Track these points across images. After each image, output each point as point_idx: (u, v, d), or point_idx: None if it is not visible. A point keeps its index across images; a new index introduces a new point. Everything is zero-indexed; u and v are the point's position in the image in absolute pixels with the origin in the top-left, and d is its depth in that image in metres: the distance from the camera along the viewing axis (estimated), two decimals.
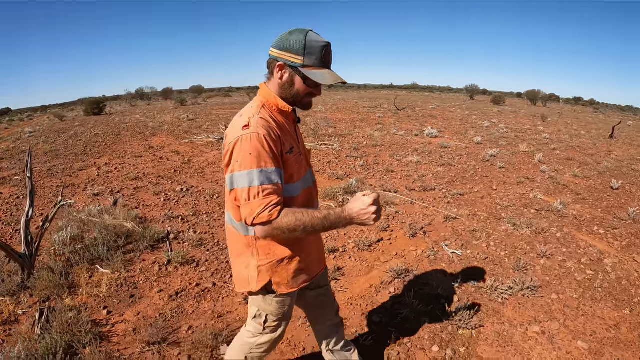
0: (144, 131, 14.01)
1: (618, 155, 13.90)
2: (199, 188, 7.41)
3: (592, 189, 9.05)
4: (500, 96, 46.39)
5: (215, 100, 39.41)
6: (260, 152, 1.68)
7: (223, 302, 3.75)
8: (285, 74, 1.82)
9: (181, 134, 13.26)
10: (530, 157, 12.11)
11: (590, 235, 6.26)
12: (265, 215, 1.69)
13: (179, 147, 11.18)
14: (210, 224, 5.60)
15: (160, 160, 9.62)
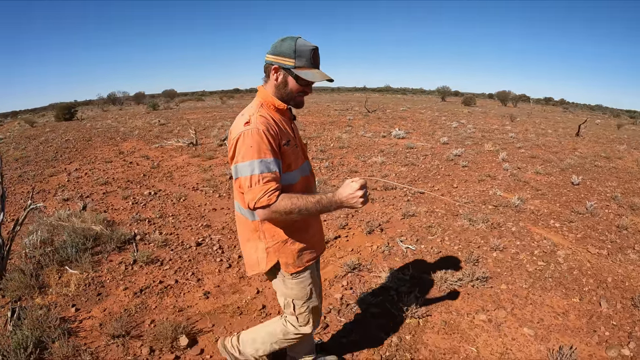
0: (114, 136, 14.04)
1: (582, 153, 14.38)
2: (167, 192, 7.55)
3: (552, 185, 9.37)
4: (471, 97, 47.23)
5: (187, 104, 39.38)
6: (260, 145, 1.93)
7: (184, 297, 3.94)
8: (280, 76, 2.08)
9: (152, 139, 13.35)
10: (495, 155, 12.46)
11: (545, 229, 6.50)
12: (265, 199, 1.92)
13: (148, 152, 11.30)
14: (176, 226, 5.77)
15: (130, 165, 9.72)
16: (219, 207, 6.70)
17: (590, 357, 3.61)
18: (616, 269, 5.30)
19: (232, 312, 3.73)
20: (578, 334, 3.93)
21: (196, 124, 17.68)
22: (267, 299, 4.00)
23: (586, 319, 4.17)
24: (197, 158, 10.54)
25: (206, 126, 16.97)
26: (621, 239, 6.33)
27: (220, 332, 3.44)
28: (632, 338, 3.89)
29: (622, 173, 11.50)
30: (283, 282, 2.34)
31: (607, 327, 4.05)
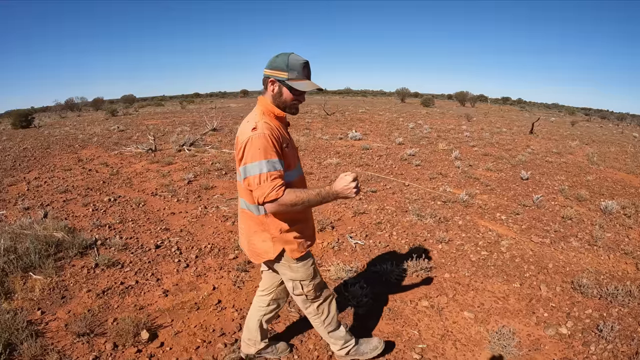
0: (73, 144, 13.82)
1: (534, 149, 15.03)
2: (126, 197, 7.62)
3: (502, 180, 9.83)
4: (430, 98, 48.18)
5: (147, 109, 38.73)
6: (267, 147, 2.24)
7: (144, 296, 4.15)
8: (276, 87, 2.41)
9: (110, 146, 13.23)
10: (448, 154, 12.89)
11: (491, 222, 6.87)
12: (273, 194, 2.23)
13: (108, 159, 11.25)
14: (136, 230, 5.93)
15: (89, 172, 9.69)
16: (177, 211, 6.84)
17: (529, 336, 3.90)
18: (558, 255, 5.66)
19: (190, 307, 3.95)
20: (517, 315, 4.24)
21: (155, 129, 17.51)
22: (222, 294, 4.24)
23: (526, 302, 4.50)
24: (156, 164, 10.52)
25: (165, 132, 16.84)
26: (565, 228, 6.73)
27: (178, 326, 3.65)
28: (570, 318, 4.22)
29: (571, 167, 12.13)
30: (289, 267, 2.65)
31: (546, 309, 4.37)
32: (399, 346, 3.58)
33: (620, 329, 4.02)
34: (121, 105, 45.58)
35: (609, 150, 17.01)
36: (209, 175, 9.27)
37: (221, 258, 5.08)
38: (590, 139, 20.76)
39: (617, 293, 4.58)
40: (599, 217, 7.38)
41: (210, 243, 5.52)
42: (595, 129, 30.40)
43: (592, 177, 11.00)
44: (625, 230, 6.87)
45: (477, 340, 3.80)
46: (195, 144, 13.18)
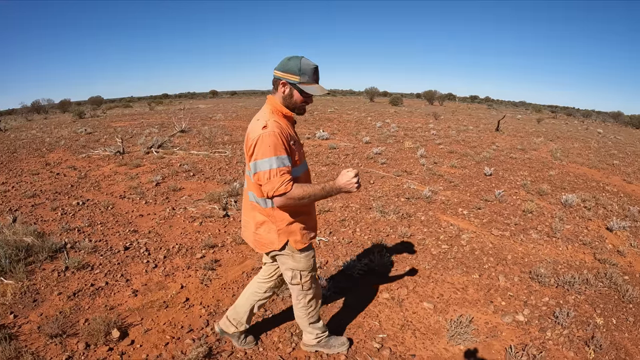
0: (40, 147, 13.51)
1: (499, 146, 15.44)
2: (95, 201, 7.57)
3: (465, 176, 10.13)
4: (399, 97, 48.62)
5: (115, 111, 37.96)
6: (277, 144, 2.40)
7: (114, 296, 4.24)
8: (287, 89, 2.56)
9: (78, 149, 12.98)
10: (414, 152, 13.17)
11: (453, 216, 7.09)
12: (282, 188, 2.39)
13: (75, 162, 11.07)
14: (104, 233, 5.97)
15: (57, 176, 9.55)
16: (145, 213, 6.87)
17: (487, 324, 4.09)
18: (517, 247, 5.89)
19: (159, 306, 4.04)
20: (476, 305, 4.44)
21: (123, 132, 17.30)
22: (190, 293, 4.34)
23: (484, 292, 4.71)
24: (125, 166, 10.43)
25: (133, 134, 16.62)
26: (525, 221, 6.98)
27: (148, 324, 3.74)
28: (527, 305, 4.43)
29: (535, 163, 12.52)
30: (292, 257, 2.82)
31: (503, 298, 4.58)
32: (360, 336, 3.74)
33: (576, 315, 4.25)
34: (89, 107, 44.75)
35: (573, 146, 17.54)
36: (177, 177, 9.28)
37: (189, 258, 5.17)
38: (555, 135, 21.34)
39: (573, 281, 4.81)
40: (559, 210, 7.66)
41: (178, 243, 5.59)
42: (560, 125, 31.16)
43: (555, 172, 11.38)
44: (585, 222, 7.16)
45: (436, 329, 3.96)
46: (163, 146, 13.04)
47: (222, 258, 5.22)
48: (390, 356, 3.52)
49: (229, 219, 6.58)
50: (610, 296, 4.72)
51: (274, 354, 3.44)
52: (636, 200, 8.99)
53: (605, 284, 4.92)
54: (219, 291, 4.40)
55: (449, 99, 65.56)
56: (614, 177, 11.45)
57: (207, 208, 6.98)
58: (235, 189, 7.86)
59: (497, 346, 3.77)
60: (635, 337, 3.99)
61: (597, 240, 6.38)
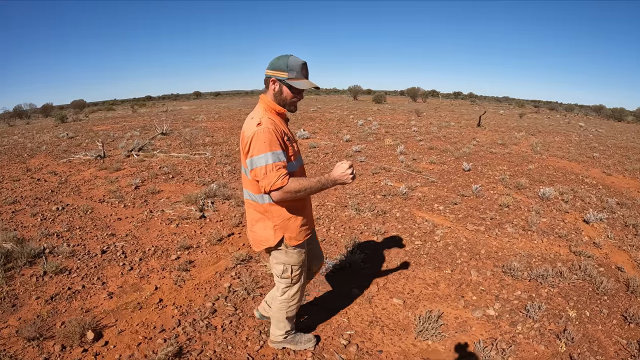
0: (22, 153, 13.33)
1: (480, 141, 15.49)
2: (74, 205, 7.43)
3: (443, 172, 10.13)
4: (382, 95, 48.63)
5: (98, 115, 37.64)
6: (272, 140, 2.48)
7: (90, 299, 4.28)
8: (277, 86, 2.65)
9: (59, 154, 12.84)
10: (393, 149, 13.14)
11: (428, 212, 7.09)
12: (279, 182, 2.46)
13: (56, 168, 10.97)
14: (83, 237, 6.00)
15: (38, 182, 9.46)
16: (123, 216, 6.87)
17: (456, 319, 4.07)
18: (491, 242, 5.88)
19: (133, 307, 4.09)
20: (446, 300, 4.42)
21: (105, 135, 17.13)
22: (164, 294, 4.39)
23: (455, 287, 4.69)
24: (105, 170, 10.36)
25: (115, 137, 16.43)
26: (501, 215, 6.97)
27: (122, 325, 3.79)
28: (498, 300, 4.42)
29: (515, 157, 12.55)
30: (285, 253, 2.90)
31: (475, 293, 4.56)
32: (328, 333, 3.76)
33: (548, 308, 4.24)
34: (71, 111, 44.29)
35: (554, 139, 17.64)
36: (156, 180, 9.24)
37: (164, 259, 5.19)
38: (536, 129, 21.47)
39: (547, 274, 4.79)
40: (537, 204, 7.66)
41: (154, 245, 5.61)
42: (542, 120, 31.44)
43: (534, 165, 11.42)
44: (562, 215, 7.16)
45: (405, 325, 3.96)
46: (143, 149, 12.93)
47: (196, 259, 5.24)
48: (357, 352, 3.53)
49: (205, 220, 6.57)
50: (585, 288, 4.70)
51: (243, 352, 3.46)
52: (615, 192, 9.03)
53: (580, 277, 4.91)
54: (192, 291, 4.43)
55: (433, 96, 65.93)
56: (594, 170, 11.51)
57: (185, 210, 6.98)
58: (213, 190, 7.82)
59: (466, 340, 3.75)
60: (609, 329, 3.97)
61: (574, 232, 6.38)
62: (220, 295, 4.34)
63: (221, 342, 3.58)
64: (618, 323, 4.07)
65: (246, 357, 3.37)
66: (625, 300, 4.49)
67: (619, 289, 4.72)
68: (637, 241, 6.13)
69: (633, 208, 7.75)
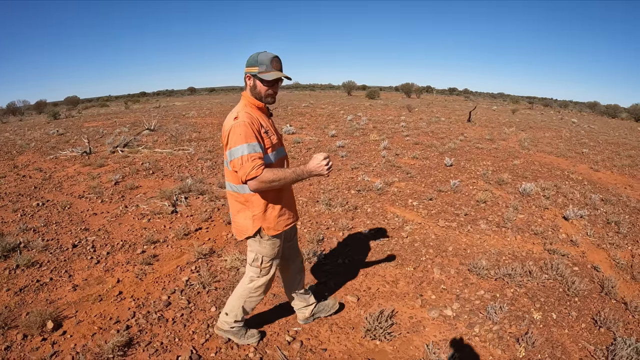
0: (11, 150, 13.29)
1: (467, 137, 15.34)
2: (54, 201, 7.52)
3: (424, 167, 9.97)
4: (375, 91, 48.54)
5: (91, 111, 37.61)
6: (247, 132, 2.60)
7: (56, 292, 4.37)
8: (251, 81, 2.79)
9: (48, 150, 12.84)
10: (378, 144, 12.97)
11: (401, 208, 6.92)
12: (253, 172, 2.55)
13: (42, 164, 10.94)
14: (58, 231, 6.07)
15: (23, 178, 9.45)
16: (99, 211, 6.91)
17: (410, 319, 3.91)
18: (461, 238, 5.70)
19: (94, 299, 4.17)
20: (403, 298, 4.25)
21: (95, 132, 17.04)
22: (124, 286, 4.44)
23: (415, 285, 4.52)
24: (88, 167, 10.29)
25: (104, 134, 16.32)
26: (477, 211, 6.79)
27: (81, 316, 3.87)
28: (459, 299, 4.23)
29: (501, 153, 12.39)
30: (259, 242, 2.99)
31: (435, 292, 4.38)
32: (274, 329, 3.73)
33: (511, 309, 4.04)
34: (65, 107, 44.12)
35: (544, 135, 17.47)
36: (137, 176, 9.22)
37: (130, 253, 5.25)
38: (527, 125, 21.32)
39: (514, 273, 4.60)
40: (516, 200, 7.48)
41: (123, 240, 5.66)
42: (535, 116, 31.25)
43: (520, 161, 11.25)
44: (541, 211, 6.97)
45: (355, 323, 3.83)
46: (129, 145, 12.88)
47: (161, 253, 5.28)
48: (301, 349, 3.47)
49: (176, 215, 6.59)
50: (554, 289, 4.49)
51: (188, 345, 3.48)
52: (600, 188, 8.85)
53: (551, 276, 4.70)
54: (151, 285, 4.48)
55: (427, 92, 65.91)
56: (581, 166, 11.36)
57: (158, 205, 7.02)
58: (187, 185, 7.85)
59: (417, 342, 3.59)
60: (576, 334, 3.76)
61: (551, 229, 6.19)
62: (177, 288, 4.36)
63: (170, 334, 3.60)
64: (587, 327, 3.86)
65: (190, 350, 3.39)
66: (598, 303, 4.28)
67: (593, 290, 4.51)
68: (617, 239, 5.92)
69: (617, 204, 7.57)
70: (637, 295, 4.44)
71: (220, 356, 3.38)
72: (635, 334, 3.75)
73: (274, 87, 2.81)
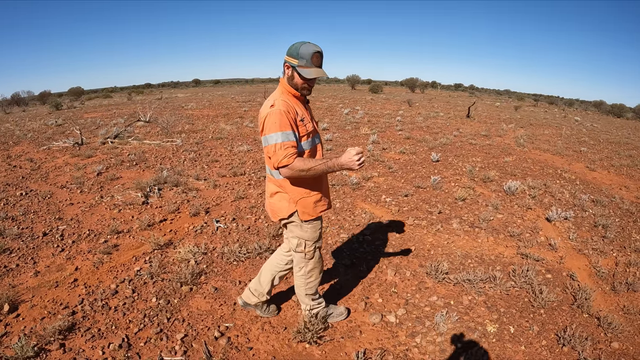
0: (8, 140, 13.51)
1: (462, 132, 15.05)
2: (37, 191, 7.65)
3: (409, 162, 9.67)
4: (379, 85, 48.26)
5: (93, 102, 37.87)
6: (282, 121, 2.62)
7: (19, 277, 4.49)
8: (289, 71, 2.78)
9: (43, 141, 12.95)
10: (367, 138, 12.72)
11: (372, 204, 6.65)
12: (285, 160, 2.61)
13: (34, 155, 11.03)
14: (34, 220, 6.20)
15: (14, 168, 9.56)
16: (76, 201, 6.99)
17: (349, 323, 3.70)
18: (428, 238, 5.42)
19: (50, 285, 4.27)
20: (347, 301, 4.04)
21: (92, 123, 17.13)
22: (81, 274, 4.51)
23: (364, 286, 4.27)
24: (77, 157, 10.24)
25: (100, 125, 16.38)
26: (453, 209, 6.50)
27: (36, 300, 3.98)
28: (407, 305, 3.95)
29: (494, 149, 12.05)
30: (300, 226, 3.01)
31: (383, 295, 4.11)
32: (206, 323, 3.69)
33: (463, 319, 3.75)
34: (68, 98, 44.26)
35: (543, 132, 17.09)
36: (121, 167, 9.28)
37: (93, 242, 5.32)
38: (528, 122, 20.92)
39: (475, 279, 4.25)
40: (498, 198, 7.15)
41: (91, 229, 5.73)
42: (538, 113, 30.77)
43: (512, 158, 10.91)
44: (522, 212, 6.63)
45: (288, 324, 3.69)
46: (119, 137, 12.93)
47: (122, 243, 5.33)
48: (227, 346, 3.39)
49: (147, 206, 6.64)
50: (519, 298, 4.14)
51: (122, 333, 3.53)
52: (593, 188, 8.49)
53: (518, 283, 4.35)
54: (105, 274, 4.54)
55: (433, 87, 65.54)
56: (577, 164, 10.97)
57: (132, 196, 7.10)
58: (163, 177, 7.86)
59: (349, 348, 3.37)
60: (533, 352, 3.41)
61: (529, 231, 5.85)
62: (127, 278, 4.40)
63: (109, 321, 3.64)
64: (548, 344, 3.50)
65: (122, 338, 3.43)
66: (567, 316, 3.91)
67: (563, 301, 4.14)
68: (602, 244, 5.53)
69: (609, 206, 7.18)
70: (614, 310, 4.05)
71: (149, 346, 3.37)
72: (604, 356, 3.38)
73: (310, 82, 2.81)
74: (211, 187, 7.64)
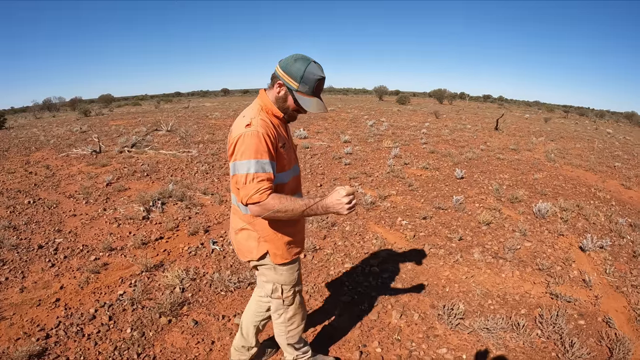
0: (31, 146, 13.69)
1: (490, 145, 14.36)
2: (44, 200, 7.48)
3: (431, 179, 9.03)
4: (406, 96, 47.88)
5: (122, 110, 39.00)
6: (258, 146, 2.09)
7: (6, 291, 4.32)
8: (282, 91, 2.26)
9: (64, 148, 12.99)
10: (389, 152, 12.13)
11: (385, 227, 6.05)
12: (256, 197, 2.07)
13: (52, 162, 10.98)
14: (34, 231, 6.01)
15: (29, 175, 9.50)
16: (79, 212, 6.78)
17: None
18: (444, 271, 4.79)
19: (33, 303, 4.07)
20: (340, 348, 3.50)
21: (115, 130, 17.20)
22: (64, 294, 4.27)
23: (362, 331, 3.71)
24: (92, 166, 10.09)
25: (122, 132, 16.34)
26: (475, 235, 5.85)
27: (15, 319, 3.79)
28: (411, 358, 3.34)
29: (523, 165, 11.35)
30: (274, 270, 2.51)
31: (383, 343, 3.52)
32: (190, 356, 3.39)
33: None
34: (98, 105, 45.11)
35: (574, 146, 16.28)
36: (132, 177, 9.02)
37: (84, 259, 5.06)
38: (558, 135, 20.09)
39: (495, 327, 3.57)
40: (526, 222, 6.45)
41: (86, 244, 5.49)
42: (569, 125, 29.86)
43: (542, 175, 10.18)
44: (554, 239, 5.92)
45: None
46: (137, 146, 12.78)
47: (112, 262, 5.04)
48: None
49: (146, 221, 6.30)
50: (545, 352, 3.43)
51: None
52: (631, 209, 7.72)
53: (545, 332, 3.65)
54: (88, 295, 4.27)
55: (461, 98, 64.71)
56: (611, 181, 10.22)
57: (135, 209, 6.75)
58: (168, 191, 7.48)
59: None
60: None
61: (561, 264, 5.14)
62: (108, 302, 4.10)
63: (79, 350, 3.38)
64: None
65: None
66: None
67: (597, 357, 3.43)
68: None
69: None
70: None
71: None
72: None
73: (303, 111, 2.35)
74: (217, 202, 7.22)
